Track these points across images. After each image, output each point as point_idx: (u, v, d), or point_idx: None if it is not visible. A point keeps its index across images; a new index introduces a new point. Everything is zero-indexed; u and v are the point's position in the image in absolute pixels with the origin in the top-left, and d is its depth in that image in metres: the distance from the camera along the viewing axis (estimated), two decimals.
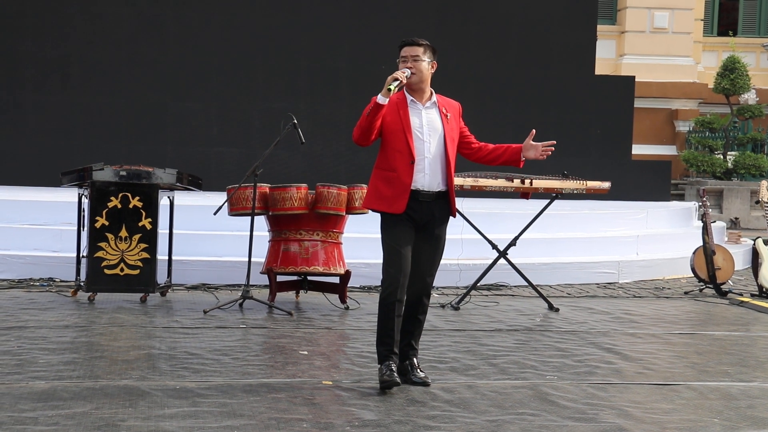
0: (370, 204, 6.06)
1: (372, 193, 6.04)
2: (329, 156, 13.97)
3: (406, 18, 14.33)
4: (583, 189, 9.46)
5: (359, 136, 5.91)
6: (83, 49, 13.72)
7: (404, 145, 5.92)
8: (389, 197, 5.92)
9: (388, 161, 5.96)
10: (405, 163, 5.91)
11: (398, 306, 5.89)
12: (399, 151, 5.92)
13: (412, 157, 5.91)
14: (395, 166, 5.93)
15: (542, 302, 9.32)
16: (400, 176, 5.91)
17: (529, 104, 14.75)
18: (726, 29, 23.41)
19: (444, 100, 6.14)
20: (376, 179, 6.03)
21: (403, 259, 5.88)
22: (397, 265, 5.87)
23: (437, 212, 6.01)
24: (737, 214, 19.25)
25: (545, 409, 5.57)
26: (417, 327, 6.10)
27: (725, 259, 10.68)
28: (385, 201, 5.94)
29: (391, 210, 5.92)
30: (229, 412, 5.24)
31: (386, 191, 5.94)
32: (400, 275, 5.86)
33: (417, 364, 6.09)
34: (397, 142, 5.92)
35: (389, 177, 5.95)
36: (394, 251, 5.89)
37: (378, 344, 5.94)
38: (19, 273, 9.76)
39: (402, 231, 5.92)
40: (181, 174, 8.92)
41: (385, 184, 5.96)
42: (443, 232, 6.08)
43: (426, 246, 6.00)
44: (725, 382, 6.45)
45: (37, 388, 5.61)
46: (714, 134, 20.50)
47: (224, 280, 9.86)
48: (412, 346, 6.09)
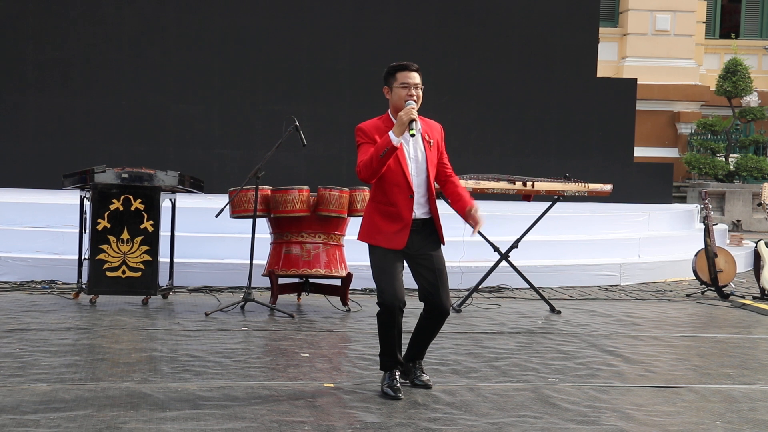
0: (367, 238, 5.83)
1: (369, 228, 5.82)
2: (331, 158, 13.98)
3: (407, 20, 14.34)
4: (585, 191, 9.45)
5: (369, 176, 5.67)
6: (85, 51, 13.73)
7: (402, 179, 5.74)
8: (389, 233, 5.76)
9: (386, 195, 5.77)
10: (404, 198, 5.74)
11: (397, 320, 5.81)
12: (397, 185, 5.74)
13: (411, 191, 5.75)
14: (395, 200, 5.75)
15: (544, 304, 9.32)
16: (401, 211, 5.74)
17: (530, 106, 14.77)
18: (728, 31, 23.40)
19: (426, 124, 5.90)
20: (373, 213, 5.83)
21: (395, 279, 5.75)
22: (389, 286, 5.74)
23: (427, 239, 5.85)
24: (739, 217, 19.24)
25: (547, 411, 5.57)
26: (431, 340, 6.06)
27: (727, 262, 10.67)
28: (383, 236, 5.76)
29: (390, 246, 5.75)
30: (230, 415, 5.24)
31: (386, 226, 5.76)
32: (392, 295, 5.73)
33: (421, 366, 6.08)
34: (395, 176, 5.74)
35: (389, 212, 5.77)
36: (386, 273, 5.74)
37: (381, 354, 5.93)
38: (20, 275, 9.76)
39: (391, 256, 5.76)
40: (182, 176, 8.92)
41: (384, 219, 5.77)
42: (440, 251, 5.90)
43: (427, 267, 5.85)
44: (727, 384, 6.45)
45: (39, 391, 5.61)
46: (716, 136, 20.50)
47: (226, 283, 9.87)
48: (421, 353, 6.08)
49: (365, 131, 5.79)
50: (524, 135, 14.70)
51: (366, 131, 5.78)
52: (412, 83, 5.75)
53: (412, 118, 5.62)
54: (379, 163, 5.62)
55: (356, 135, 5.82)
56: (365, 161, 5.66)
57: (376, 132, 5.75)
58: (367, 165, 5.65)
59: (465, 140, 14.40)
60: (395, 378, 5.83)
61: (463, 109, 14.36)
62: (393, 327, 5.82)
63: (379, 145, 5.62)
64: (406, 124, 5.62)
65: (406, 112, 5.63)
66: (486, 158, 14.04)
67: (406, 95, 5.73)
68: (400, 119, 5.62)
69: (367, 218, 5.87)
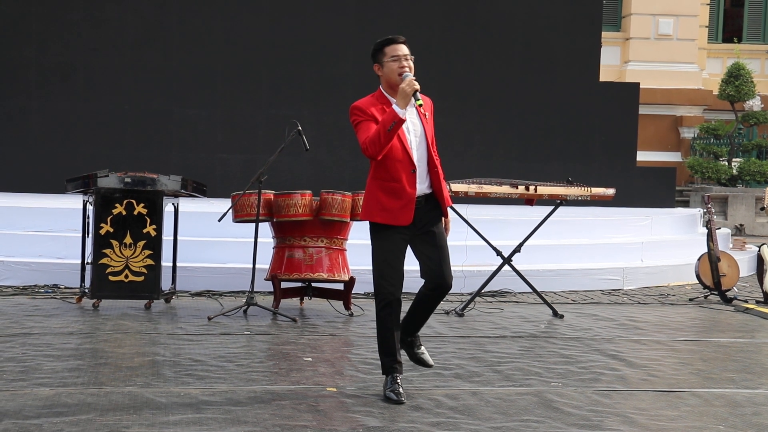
0: (371, 216, 5.78)
1: (373, 205, 5.78)
2: (334, 163, 13.98)
3: (410, 24, 14.33)
4: (588, 195, 9.45)
5: (377, 151, 5.62)
6: (88, 55, 13.74)
7: (404, 154, 5.72)
8: (394, 209, 5.72)
9: (390, 171, 5.72)
10: (407, 173, 5.72)
11: (396, 315, 5.82)
12: (399, 161, 5.71)
13: (413, 166, 5.73)
14: (398, 176, 5.71)
15: (547, 309, 9.31)
16: (405, 187, 5.71)
17: (533, 110, 14.76)
18: (731, 36, 23.41)
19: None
20: (376, 190, 5.78)
21: (396, 271, 5.76)
22: (389, 278, 5.75)
23: (428, 214, 5.81)
24: (742, 221, 19.23)
25: (550, 416, 5.56)
26: (429, 313, 6.01)
27: (730, 266, 10.66)
28: (389, 213, 5.72)
29: (396, 222, 5.71)
30: (233, 419, 5.24)
31: (390, 203, 5.72)
32: (394, 286, 5.76)
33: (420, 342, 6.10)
34: (397, 152, 5.71)
35: (393, 188, 5.73)
36: (387, 264, 5.75)
37: (380, 354, 5.92)
38: (23, 280, 9.77)
39: (394, 242, 5.75)
40: (185, 180, 8.92)
41: (388, 196, 5.73)
42: (440, 229, 5.87)
43: (429, 244, 5.82)
44: (730, 389, 6.44)
45: (42, 395, 5.61)
46: (719, 141, 20.50)
47: (228, 287, 9.87)
48: (418, 328, 6.06)
49: (362, 108, 5.77)
50: (527, 139, 14.70)
51: (362, 108, 5.77)
52: (402, 55, 5.75)
53: (415, 88, 5.60)
54: (387, 137, 5.58)
55: (352, 114, 5.79)
56: (371, 137, 5.62)
57: (372, 108, 5.74)
58: (375, 141, 5.60)
59: (467, 144, 14.41)
60: (398, 382, 5.82)
61: (465, 113, 14.35)
62: (392, 323, 5.81)
63: (385, 119, 5.59)
64: (410, 95, 5.60)
65: (408, 84, 5.61)
66: (488, 162, 14.04)
67: (398, 68, 5.72)
68: (402, 91, 5.60)
69: (370, 196, 5.81)
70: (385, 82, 5.83)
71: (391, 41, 5.80)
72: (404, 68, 5.72)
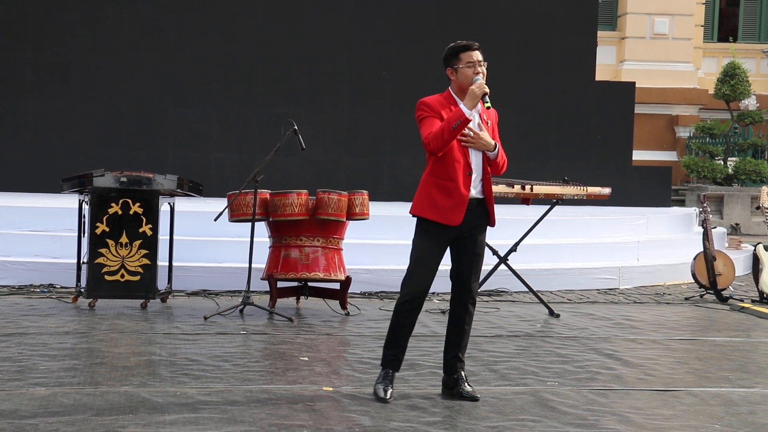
0: (422, 212, 5.81)
1: (425, 201, 5.81)
2: (330, 162, 13.98)
3: (406, 24, 14.35)
4: (584, 195, 9.45)
5: (439, 147, 5.66)
6: (84, 54, 13.74)
7: (462, 156, 5.77)
8: (446, 207, 5.75)
9: (447, 170, 5.76)
10: (464, 174, 5.76)
11: (413, 315, 5.85)
12: (458, 162, 5.75)
13: (470, 169, 5.78)
14: (455, 176, 5.75)
15: (543, 308, 9.31)
16: (459, 187, 5.75)
17: (529, 110, 14.78)
18: (726, 35, 23.44)
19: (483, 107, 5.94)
20: (430, 187, 5.82)
21: (429, 271, 5.80)
22: (421, 276, 5.79)
23: (477, 219, 5.86)
24: (738, 220, 19.25)
25: (546, 415, 5.57)
26: (464, 338, 5.96)
27: (726, 265, 10.67)
28: (439, 211, 5.76)
29: (446, 221, 5.75)
30: (229, 419, 5.24)
31: (443, 201, 5.75)
32: (421, 286, 5.79)
33: (465, 377, 5.96)
34: (457, 153, 5.75)
35: (448, 187, 5.76)
36: (423, 262, 5.79)
37: (384, 347, 5.93)
38: (19, 279, 9.76)
39: (436, 244, 5.79)
40: (181, 180, 8.92)
41: (442, 194, 5.76)
42: (483, 237, 5.94)
43: (468, 253, 5.86)
44: (726, 388, 6.44)
45: (38, 395, 5.61)
46: (714, 140, 20.52)
47: (225, 286, 9.86)
48: (459, 359, 5.96)
49: (429, 105, 5.83)
50: (523, 138, 14.71)
51: (430, 105, 5.83)
52: (476, 61, 5.84)
53: (485, 91, 5.70)
54: (451, 134, 5.65)
55: (418, 109, 5.84)
56: (435, 132, 5.67)
57: (440, 106, 5.80)
58: (438, 136, 5.66)
59: None
60: (389, 378, 5.83)
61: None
62: (406, 320, 5.84)
63: (451, 117, 5.66)
64: (479, 97, 5.69)
65: (478, 86, 5.71)
66: None
67: (473, 73, 5.81)
68: (472, 92, 5.68)
69: (423, 192, 5.85)
70: (456, 86, 5.88)
71: (468, 48, 5.88)
72: (478, 73, 5.81)
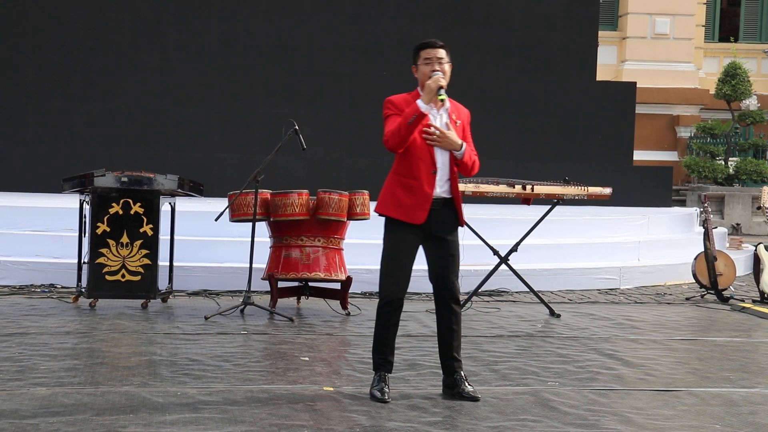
0: (386, 210, 5.84)
1: (389, 199, 5.83)
2: (330, 162, 13.98)
3: (406, 23, 14.34)
4: (585, 195, 9.45)
5: (397, 144, 5.69)
6: (84, 54, 13.73)
7: (427, 154, 5.77)
8: (409, 206, 5.76)
9: (411, 169, 5.78)
10: (428, 173, 5.76)
11: (395, 315, 5.84)
12: (422, 160, 5.76)
13: (434, 167, 5.78)
14: (418, 174, 5.76)
15: (543, 308, 9.31)
16: (423, 185, 5.75)
17: (530, 110, 14.77)
18: (727, 35, 23.43)
19: (454, 105, 5.96)
20: (394, 185, 5.84)
21: (403, 270, 5.80)
22: (395, 275, 5.79)
23: (445, 219, 5.86)
24: (739, 220, 19.24)
25: (547, 415, 5.57)
26: (455, 338, 5.92)
27: (727, 265, 10.67)
28: (404, 209, 5.77)
29: (410, 220, 5.75)
30: (230, 419, 5.24)
31: (406, 199, 5.77)
32: (397, 286, 5.79)
33: (464, 376, 5.94)
34: (420, 151, 5.76)
35: (411, 185, 5.77)
36: (395, 262, 5.80)
37: (373, 351, 5.93)
38: (20, 279, 9.76)
39: (406, 242, 5.80)
40: (182, 180, 8.92)
41: (405, 192, 5.78)
42: (455, 237, 5.92)
43: (439, 252, 5.86)
44: (727, 388, 6.44)
45: (38, 395, 5.61)
46: (715, 140, 20.51)
47: (225, 286, 9.87)
48: (455, 359, 5.93)
49: (394, 103, 5.84)
50: (524, 138, 14.71)
51: (395, 103, 5.84)
52: (434, 57, 5.83)
53: (439, 85, 5.70)
54: (407, 130, 5.66)
55: (384, 107, 5.86)
56: (393, 130, 5.70)
57: (405, 105, 5.80)
58: (395, 133, 5.68)
59: None
60: (385, 381, 5.83)
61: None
62: (389, 322, 5.83)
63: (407, 113, 5.68)
64: (434, 91, 5.69)
65: (433, 80, 5.71)
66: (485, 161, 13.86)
67: (429, 70, 5.80)
68: (427, 87, 5.70)
69: (387, 190, 5.87)
70: (419, 83, 5.89)
71: (427, 45, 5.90)
72: (435, 70, 5.80)
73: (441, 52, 5.87)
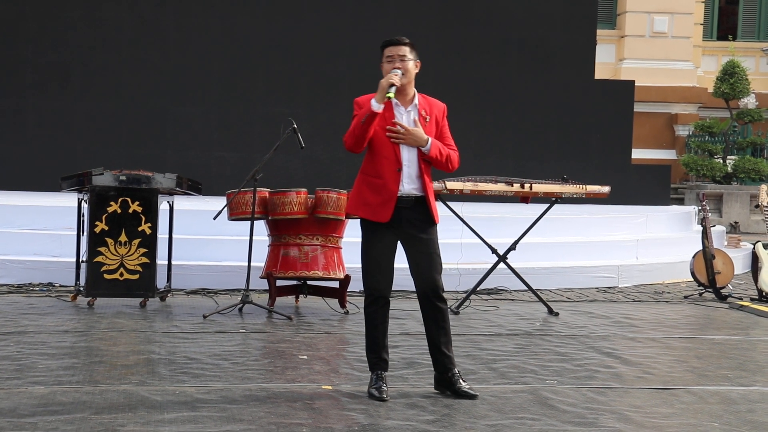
0: (353, 210, 5.88)
1: (356, 199, 5.88)
2: (329, 161, 13.98)
3: (406, 22, 14.32)
4: (583, 193, 9.46)
5: (353, 144, 5.77)
6: (84, 54, 13.73)
7: (391, 152, 5.78)
8: (374, 204, 5.78)
9: (375, 167, 5.81)
10: (392, 170, 5.77)
11: (381, 313, 5.86)
12: (386, 158, 5.78)
13: (399, 165, 5.78)
14: (382, 172, 5.78)
15: (542, 306, 9.32)
16: (387, 183, 5.77)
17: (528, 108, 14.77)
18: (725, 33, 23.42)
19: (426, 101, 5.93)
20: (361, 184, 5.87)
21: (383, 268, 5.81)
22: (376, 274, 5.80)
23: (418, 217, 5.83)
24: (737, 218, 19.24)
25: (545, 413, 5.57)
26: (442, 334, 5.92)
27: (725, 263, 10.67)
28: (369, 208, 5.80)
29: (375, 218, 5.77)
30: (228, 417, 5.24)
31: (371, 198, 5.79)
32: (379, 284, 5.81)
33: (460, 374, 5.94)
34: (384, 149, 5.78)
35: (375, 184, 5.79)
36: (373, 260, 5.81)
37: (366, 351, 5.96)
38: (18, 278, 9.76)
39: (382, 240, 5.80)
40: (180, 179, 8.92)
41: (370, 191, 5.81)
42: (432, 234, 5.88)
43: (416, 251, 5.84)
44: (725, 386, 6.45)
45: (37, 393, 5.61)
46: (714, 138, 20.51)
47: (224, 285, 9.87)
48: (445, 354, 5.92)
49: (359, 103, 5.88)
50: (522, 137, 14.70)
51: (360, 103, 5.88)
52: (396, 55, 5.82)
53: (390, 82, 5.69)
54: (361, 129, 5.71)
55: (353, 107, 5.90)
56: (350, 130, 5.77)
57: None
58: (351, 132, 5.76)
59: (463, 142, 14.22)
60: (382, 379, 5.83)
61: (461, 112, 14.31)
62: (377, 320, 5.85)
63: (362, 112, 5.73)
64: (385, 88, 5.70)
65: (386, 78, 5.73)
66: (484, 160, 14.04)
67: (390, 68, 5.80)
68: (380, 85, 5.73)
69: (355, 190, 5.92)
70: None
71: (388, 43, 5.90)
72: (397, 67, 5.79)
73: (404, 49, 5.85)
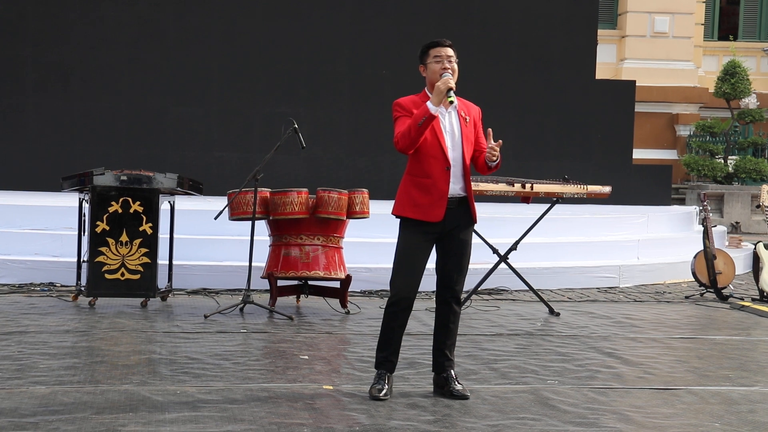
0: (403, 212, 5.83)
1: (404, 200, 5.83)
2: (330, 160, 13.98)
3: (406, 23, 14.34)
4: (584, 193, 9.45)
5: (407, 145, 5.69)
6: (84, 53, 13.73)
7: (439, 151, 5.76)
8: (425, 205, 5.76)
9: (423, 168, 5.78)
10: (441, 170, 5.76)
11: (402, 315, 5.84)
12: (434, 157, 5.76)
13: (447, 163, 5.77)
14: (431, 172, 5.76)
15: (543, 306, 9.32)
16: (437, 183, 5.75)
17: (529, 109, 14.77)
18: (726, 33, 23.41)
19: (463, 103, 5.95)
20: (409, 186, 5.83)
21: (415, 270, 5.80)
22: (407, 275, 5.79)
23: (461, 218, 5.86)
24: (738, 219, 19.24)
25: (546, 413, 5.57)
26: (449, 336, 5.94)
27: (726, 264, 10.67)
28: (420, 209, 5.77)
29: (427, 218, 5.75)
30: (229, 417, 5.24)
31: (422, 199, 5.76)
32: (408, 286, 5.79)
33: (455, 376, 5.94)
34: (431, 148, 5.76)
35: (425, 184, 5.77)
36: (408, 262, 5.79)
37: (377, 348, 5.94)
38: (19, 278, 9.76)
39: (420, 241, 5.80)
40: (181, 178, 8.92)
41: (420, 192, 5.78)
42: (468, 236, 5.92)
43: (453, 252, 5.85)
44: (726, 386, 6.45)
45: (38, 393, 5.61)
46: (715, 138, 20.51)
47: (225, 285, 9.87)
48: (447, 357, 5.94)
49: (402, 105, 5.85)
50: (523, 137, 14.70)
51: (403, 105, 5.85)
52: (444, 56, 5.83)
53: (449, 86, 5.69)
54: (417, 132, 5.66)
55: (393, 110, 5.87)
56: (403, 131, 5.70)
57: (413, 106, 5.80)
58: (405, 135, 5.69)
59: None
60: (385, 379, 5.83)
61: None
62: (394, 322, 5.83)
63: (417, 114, 5.68)
64: (444, 92, 5.68)
65: (443, 82, 5.69)
66: None
67: (440, 69, 5.80)
68: (437, 88, 5.68)
69: (402, 191, 5.87)
70: (428, 82, 5.89)
71: (437, 44, 5.90)
72: (446, 69, 5.80)
73: (450, 50, 5.88)
